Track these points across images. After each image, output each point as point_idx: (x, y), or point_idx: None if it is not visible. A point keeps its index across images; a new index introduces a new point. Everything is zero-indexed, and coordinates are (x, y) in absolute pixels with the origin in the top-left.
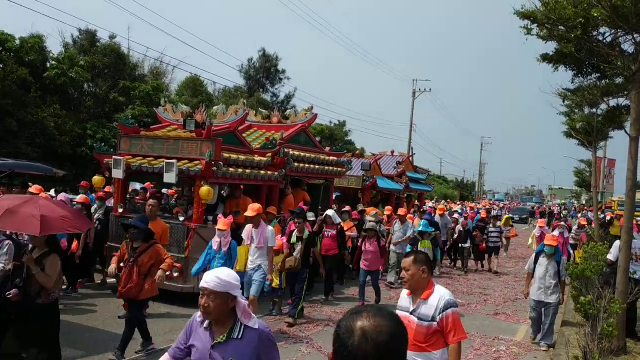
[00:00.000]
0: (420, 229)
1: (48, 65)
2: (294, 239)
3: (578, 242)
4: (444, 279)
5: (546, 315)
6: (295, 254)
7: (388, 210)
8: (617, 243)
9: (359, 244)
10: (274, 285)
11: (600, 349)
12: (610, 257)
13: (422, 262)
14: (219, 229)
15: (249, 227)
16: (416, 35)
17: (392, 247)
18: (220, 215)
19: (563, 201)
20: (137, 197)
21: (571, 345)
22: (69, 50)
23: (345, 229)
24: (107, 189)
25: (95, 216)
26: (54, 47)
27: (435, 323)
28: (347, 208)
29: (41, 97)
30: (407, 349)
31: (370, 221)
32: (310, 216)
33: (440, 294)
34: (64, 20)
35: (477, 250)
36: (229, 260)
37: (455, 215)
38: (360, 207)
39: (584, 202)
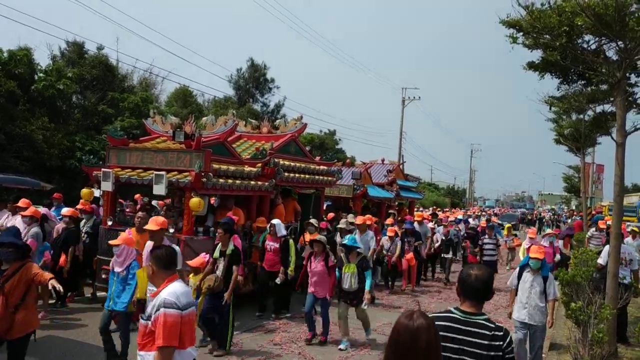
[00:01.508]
0: (345, 242)
1: (36, 77)
2: (216, 254)
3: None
4: (423, 294)
5: (532, 339)
6: (217, 271)
7: (360, 220)
8: (607, 248)
9: (304, 262)
10: None
11: (592, 355)
12: (600, 261)
13: (156, 258)
14: (111, 244)
15: (149, 244)
16: (405, 43)
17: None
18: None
19: (553, 207)
20: (127, 210)
21: (562, 351)
22: (56, 62)
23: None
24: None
25: (84, 229)
26: (42, 60)
27: (150, 322)
28: (327, 218)
29: (29, 109)
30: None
31: (339, 227)
32: (314, 222)
33: (164, 293)
34: (52, 32)
35: (467, 262)
36: (127, 285)
37: (430, 225)
38: (350, 218)
39: (573, 208)
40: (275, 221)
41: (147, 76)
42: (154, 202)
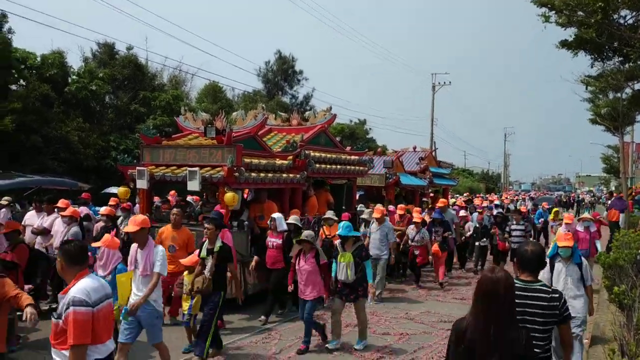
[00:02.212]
0: (340, 232)
1: (69, 80)
2: (203, 253)
3: None
4: (450, 286)
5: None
6: (205, 272)
7: (377, 211)
8: None
9: (292, 261)
10: (183, 311)
11: (637, 339)
12: None
13: (64, 253)
14: (93, 246)
15: (133, 247)
16: (434, 28)
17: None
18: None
19: (591, 188)
20: (163, 206)
21: (606, 337)
22: (88, 64)
23: (329, 234)
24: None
25: (122, 227)
26: (74, 62)
27: (61, 320)
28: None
29: (64, 111)
30: None
31: (363, 218)
32: (330, 214)
33: (73, 290)
34: (83, 35)
35: (497, 249)
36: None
37: (462, 213)
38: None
39: (612, 189)
40: (275, 215)
41: (177, 74)
42: (189, 198)
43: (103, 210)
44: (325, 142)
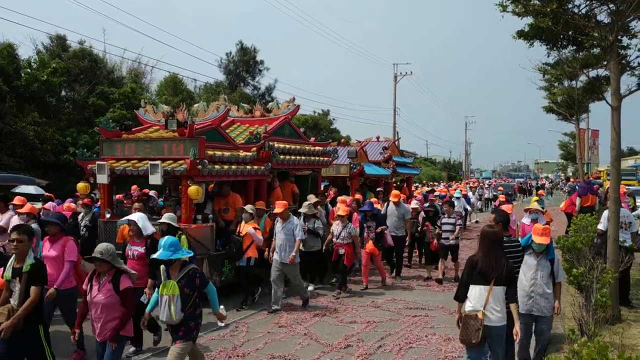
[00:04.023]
0: (160, 254)
1: (22, 73)
2: (7, 274)
3: None
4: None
5: (538, 332)
6: (12, 300)
7: (280, 205)
8: (606, 213)
9: (83, 286)
10: None
11: (595, 319)
12: (600, 227)
13: None
14: None
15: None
16: (395, 18)
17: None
18: None
19: (549, 175)
20: (126, 201)
21: (566, 318)
22: (40, 56)
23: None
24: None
25: (82, 223)
26: (27, 55)
27: None
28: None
29: (17, 106)
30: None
31: (301, 211)
32: (249, 208)
33: None
34: (36, 27)
35: (429, 248)
36: None
37: (414, 204)
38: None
39: (570, 174)
40: (134, 216)
41: (136, 66)
42: (151, 192)
43: (64, 206)
44: (289, 133)
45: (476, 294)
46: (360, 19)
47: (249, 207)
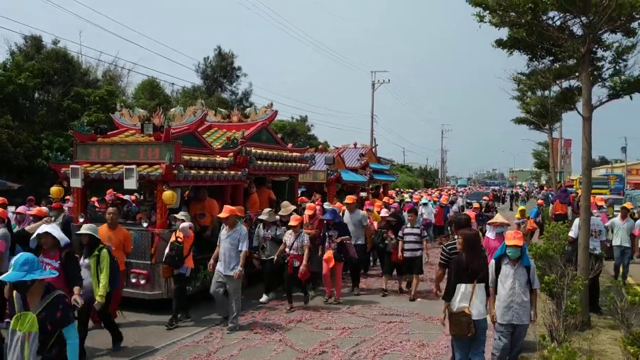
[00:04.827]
0: (6, 276)
1: None
2: None
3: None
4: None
5: (514, 339)
6: None
7: (226, 210)
8: (577, 221)
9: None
10: None
11: (566, 325)
12: (571, 234)
13: None
14: None
15: None
16: (374, 26)
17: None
18: None
19: (523, 183)
20: (100, 205)
21: (537, 324)
22: (15, 57)
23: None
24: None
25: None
26: (2, 57)
27: None
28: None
29: None
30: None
31: (260, 219)
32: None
33: None
34: (10, 27)
35: (389, 259)
36: None
37: (383, 213)
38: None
39: (544, 183)
40: (47, 227)
41: (112, 69)
42: (125, 197)
43: (33, 210)
44: (267, 139)
45: (463, 292)
46: (340, 26)
47: (180, 214)
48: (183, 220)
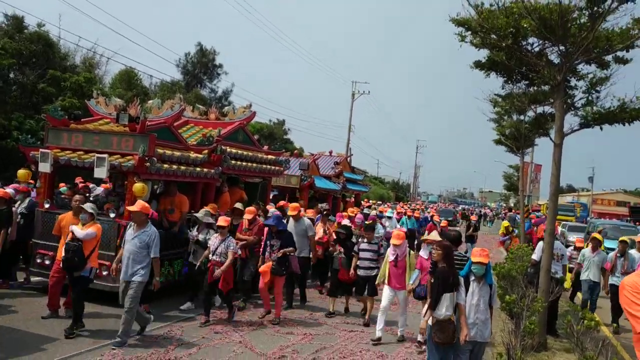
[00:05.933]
0: None
1: None
2: None
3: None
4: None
5: (473, 356)
6: None
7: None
8: (541, 244)
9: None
10: None
11: (523, 345)
12: (535, 257)
13: None
14: None
15: None
16: (356, 38)
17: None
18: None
19: (492, 203)
20: (68, 192)
21: (496, 343)
22: None
23: None
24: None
25: (18, 210)
26: None
27: None
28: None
29: None
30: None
31: (196, 216)
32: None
33: None
34: None
35: (336, 277)
36: None
37: (345, 222)
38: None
39: (512, 205)
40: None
41: (91, 55)
42: (91, 186)
43: None
44: (243, 139)
45: (447, 301)
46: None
47: (88, 206)
48: (91, 214)
